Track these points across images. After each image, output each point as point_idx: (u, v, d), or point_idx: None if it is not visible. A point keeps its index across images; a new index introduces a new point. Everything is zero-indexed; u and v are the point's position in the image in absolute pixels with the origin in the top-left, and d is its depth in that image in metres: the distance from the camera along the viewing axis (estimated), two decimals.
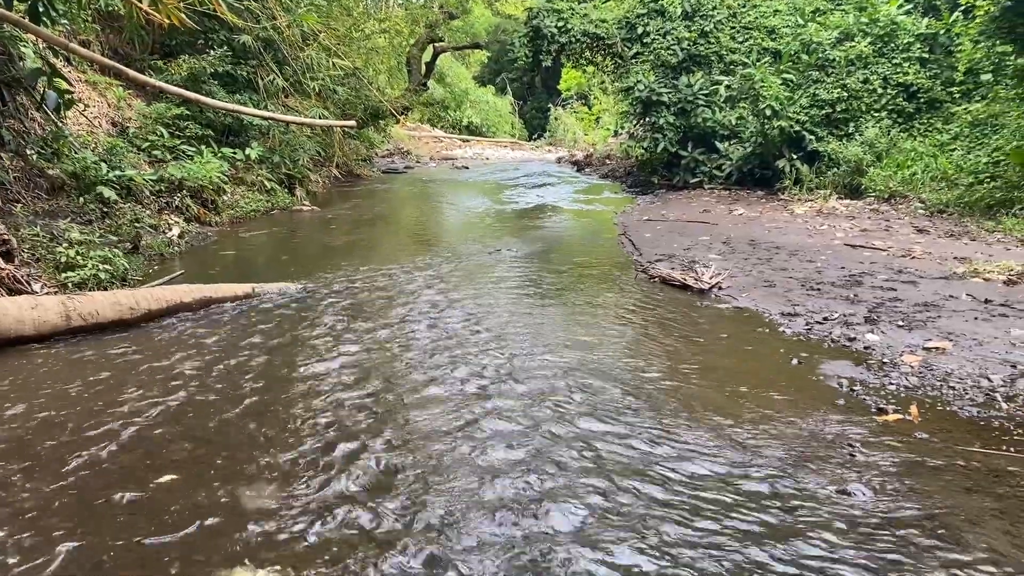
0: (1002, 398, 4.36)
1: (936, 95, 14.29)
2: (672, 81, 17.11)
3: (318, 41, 17.66)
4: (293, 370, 5.05)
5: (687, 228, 11.39)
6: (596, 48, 18.71)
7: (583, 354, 5.39)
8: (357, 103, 19.93)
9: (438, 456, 3.73)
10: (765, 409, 4.33)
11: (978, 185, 11.28)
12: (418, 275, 8.06)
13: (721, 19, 17.27)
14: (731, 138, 16.61)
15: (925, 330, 5.67)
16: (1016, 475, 3.48)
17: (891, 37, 14.78)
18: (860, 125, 14.42)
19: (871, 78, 14.64)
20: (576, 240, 11.64)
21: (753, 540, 2.97)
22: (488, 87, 46.46)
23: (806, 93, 14.90)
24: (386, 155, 28.24)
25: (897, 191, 12.66)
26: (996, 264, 7.54)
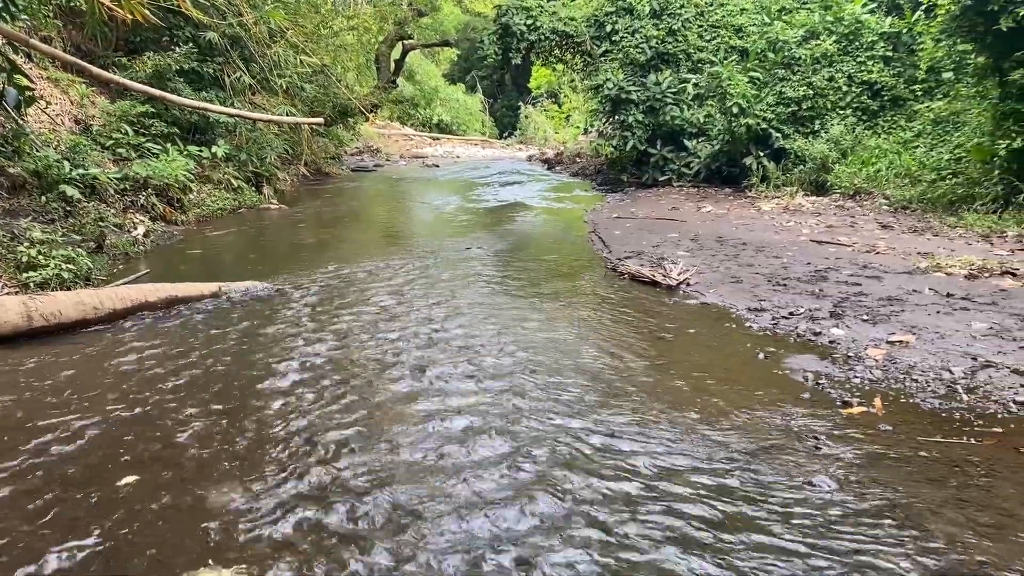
0: (963, 390, 4.44)
1: (899, 93, 14.50)
2: (641, 79, 17.19)
3: (285, 38, 17.51)
4: (260, 369, 5.01)
5: (656, 225, 11.46)
6: (565, 46, 18.75)
7: (552, 351, 5.40)
8: (325, 101, 19.79)
9: (406, 454, 3.72)
10: (732, 403, 4.37)
11: (940, 181, 11.47)
12: (387, 273, 8.03)
13: (689, 17, 17.38)
14: (699, 136, 16.73)
15: (889, 324, 5.75)
16: (976, 465, 3.55)
17: (855, 36, 14.97)
18: (826, 123, 14.59)
19: (836, 76, 14.81)
20: (546, 238, 11.66)
21: (720, 533, 3.00)
22: (458, 85, 46.36)
23: (773, 91, 15.05)
24: (355, 153, 28.08)
25: (862, 187, 12.83)
26: (958, 259, 7.67)
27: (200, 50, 14.26)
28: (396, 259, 8.87)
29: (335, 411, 4.28)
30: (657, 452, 3.73)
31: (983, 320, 5.68)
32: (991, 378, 4.58)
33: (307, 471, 3.53)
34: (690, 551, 2.88)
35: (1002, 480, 3.40)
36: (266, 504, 3.23)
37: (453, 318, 6.25)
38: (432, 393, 4.55)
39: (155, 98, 11.80)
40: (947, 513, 3.12)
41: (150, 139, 11.82)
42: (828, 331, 5.67)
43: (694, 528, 3.03)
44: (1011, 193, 10.00)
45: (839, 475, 3.46)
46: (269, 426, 4.07)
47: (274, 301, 6.83)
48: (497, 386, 4.65)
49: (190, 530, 3.03)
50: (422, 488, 3.36)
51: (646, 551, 2.88)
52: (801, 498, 3.27)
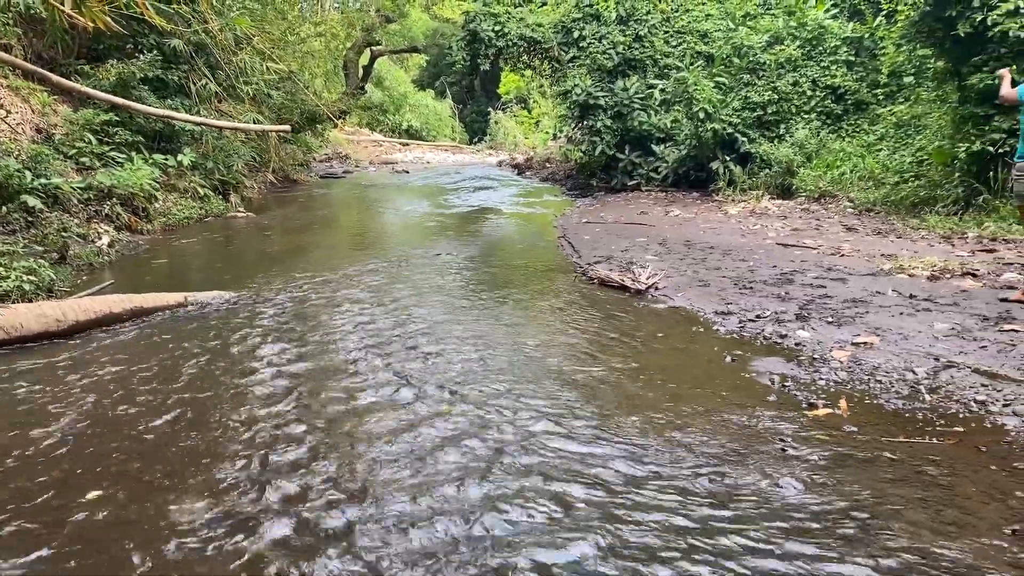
0: (926, 390, 4.51)
1: (862, 97, 14.73)
2: (608, 85, 17.30)
3: (252, 45, 17.40)
4: (227, 380, 4.96)
5: (625, 230, 11.52)
6: (533, 52, 18.82)
7: (522, 356, 5.41)
8: (293, 107, 19.67)
9: (374, 464, 3.70)
10: (699, 406, 4.41)
11: (903, 184, 11.67)
12: (356, 281, 7.99)
13: (655, 23, 17.53)
14: (667, 141, 16.87)
15: (854, 326, 5.83)
16: (939, 464, 3.60)
17: (819, 41, 15.18)
18: (790, 127, 14.77)
19: (800, 81, 15.01)
20: (517, 243, 11.68)
21: (688, 536, 3.02)
22: (427, 91, 46.33)
23: (738, 96, 15.21)
24: (324, 160, 27.95)
25: (827, 191, 13.01)
26: (920, 260, 7.80)
27: (165, 57, 14.10)
28: (365, 266, 8.83)
29: (303, 422, 4.24)
30: (625, 457, 3.74)
31: (945, 321, 5.77)
32: (953, 378, 4.66)
33: (274, 483, 3.50)
34: (658, 556, 2.89)
35: (963, 479, 3.46)
36: (233, 518, 3.19)
37: (422, 325, 6.23)
38: (401, 402, 4.53)
39: (119, 106, 11.66)
40: (910, 513, 3.17)
41: (114, 148, 11.66)
42: (794, 333, 5.73)
43: (662, 533, 3.05)
44: (971, 195, 10.20)
45: (805, 477, 3.49)
46: (236, 438, 4.03)
47: (241, 311, 6.77)
48: (466, 393, 4.64)
49: (155, 545, 2.98)
50: (389, 499, 3.34)
51: (614, 557, 2.89)
52: (768, 500, 3.30)
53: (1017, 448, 3.75)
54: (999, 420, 4.07)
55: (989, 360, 4.89)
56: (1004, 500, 3.26)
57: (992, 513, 3.16)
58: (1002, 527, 3.04)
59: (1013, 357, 4.91)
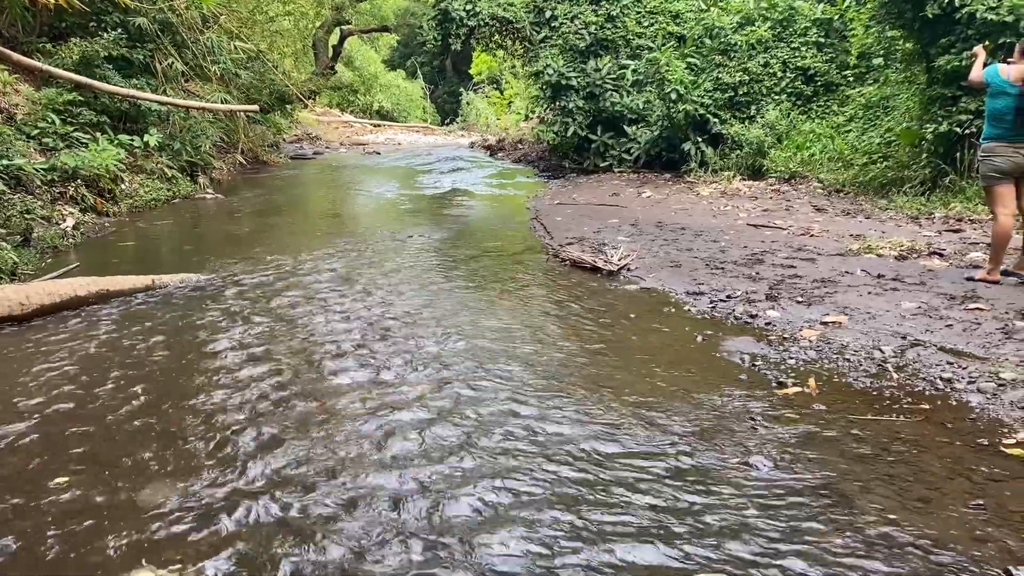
0: (893, 368, 4.58)
1: (832, 78, 14.84)
2: (581, 65, 17.25)
3: (219, 24, 17.12)
4: (196, 363, 4.91)
5: (597, 211, 11.52)
6: (505, 32, 18.70)
7: (495, 338, 5.40)
8: (262, 87, 19.43)
9: (346, 445, 3.68)
10: (672, 386, 4.43)
11: (872, 165, 11.79)
12: (327, 262, 7.93)
13: (627, 3, 17.48)
14: (639, 122, 16.88)
15: (823, 305, 5.89)
16: (905, 441, 3.66)
17: (789, 22, 15.25)
18: (761, 108, 14.85)
19: (771, 62, 15.08)
20: (489, 225, 11.65)
21: (660, 515, 3.04)
22: (398, 71, 45.92)
23: (710, 77, 15.25)
24: (294, 140, 27.65)
25: (797, 171, 13.12)
26: (888, 240, 7.89)
27: (129, 36, 13.82)
28: (336, 248, 8.76)
29: (274, 404, 4.21)
30: (599, 436, 3.75)
31: (912, 300, 5.85)
32: (919, 356, 4.72)
33: (245, 466, 3.47)
34: (631, 534, 2.91)
35: (929, 455, 3.51)
36: (203, 501, 3.16)
37: (394, 307, 6.20)
38: (373, 383, 4.51)
39: (82, 86, 11.42)
40: (878, 489, 3.21)
41: (78, 128, 11.40)
42: (764, 313, 5.78)
43: (635, 511, 3.07)
44: (938, 176, 10.33)
45: (775, 455, 3.53)
46: (206, 422, 3.99)
47: (211, 293, 6.69)
48: (440, 375, 4.63)
49: (125, 530, 2.95)
50: (363, 481, 3.33)
51: (588, 536, 2.90)
52: (739, 478, 3.33)
53: (981, 425, 3.82)
54: (964, 397, 4.14)
55: (954, 338, 4.97)
56: (968, 476, 3.32)
57: (957, 488, 3.22)
58: (967, 502, 3.09)
59: (978, 335, 4.99)
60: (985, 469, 3.36)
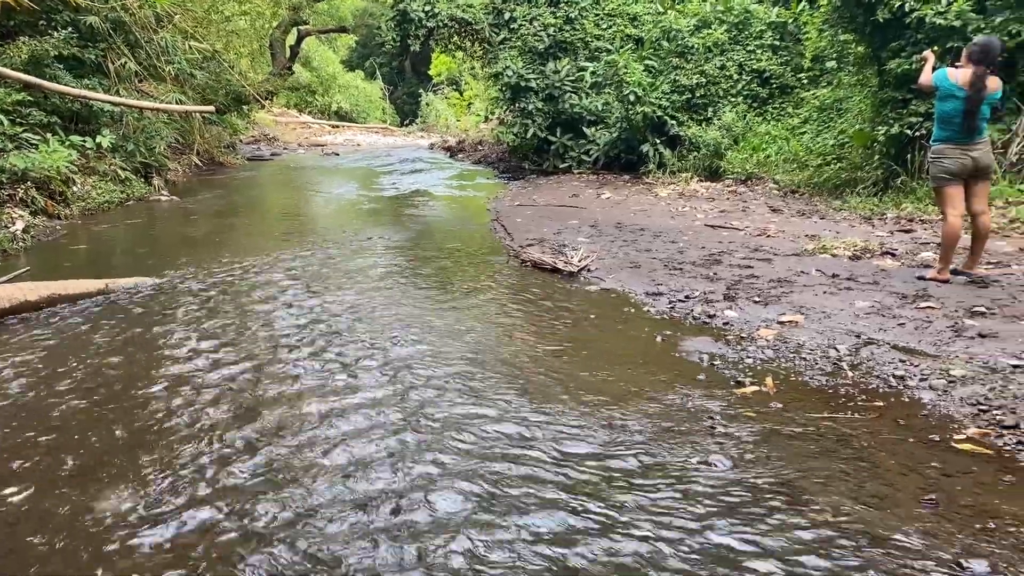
0: (847, 366, 4.65)
1: (787, 81, 15.07)
2: (540, 67, 17.30)
3: (173, 23, 16.85)
4: (149, 368, 4.82)
5: (557, 212, 11.56)
6: (464, 33, 18.70)
7: (455, 340, 5.38)
8: (218, 88, 19.15)
9: (304, 451, 3.64)
10: (632, 386, 4.46)
11: (826, 166, 12.00)
12: (284, 265, 7.84)
13: (585, 6, 17.56)
14: (598, 123, 16.97)
15: (779, 305, 5.97)
16: (859, 438, 3.72)
17: (745, 25, 15.46)
18: (718, 110, 15.04)
19: (727, 65, 15.27)
20: (449, 226, 11.62)
21: (619, 514, 3.05)
22: (357, 72, 45.64)
23: (667, 79, 15.39)
24: (251, 142, 27.33)
25: (753, 173, 13.30)
26: (842, 240, 8.03)
27: (80, 35, 13.53)
28: (294, 250, 8.66)
29: (230, 410, 4.15)
30: (558, 437, 3.76)
31: (865, 299, 5.96)
32: (873, 354, 4.81)
33: (200, 472, 3.41)
34: (589, 534, 2.92)
35: (883, 452, 3.58)
36: (158, 508, 3.10)
37: (353, 309, 6.15)
38: (332, 388, 4.46)
39: (32, 86, 11.15)
40: (834, 486, 3.26)
41: (28, 129, 11.11)
42: (722, 313, 5.85)
43: (593, 512, 3.07)
44: (890, 177, 10.53)
45: (734, 453, 3.57)
46: (160, 428, 3.91)
47: (165, 297, 6.57)
48: (400, 377, 4.60)
49: (80, 539, 2.88)
50: (321, 485, 3.29)
51: (548, 537, 2.90)
52: (698, 478, 3.35)
53: (933, 421, 3.90)
54: (916, 394, 4.22)
55: (907, 337, 5.07)
56: (920, 471, 3.38)
57: (910, 484, 3.28)
58: (919, 497, 3.15)
59: (929, 333, 5.10)
60: (937, 464, 3.43)
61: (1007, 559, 2.70)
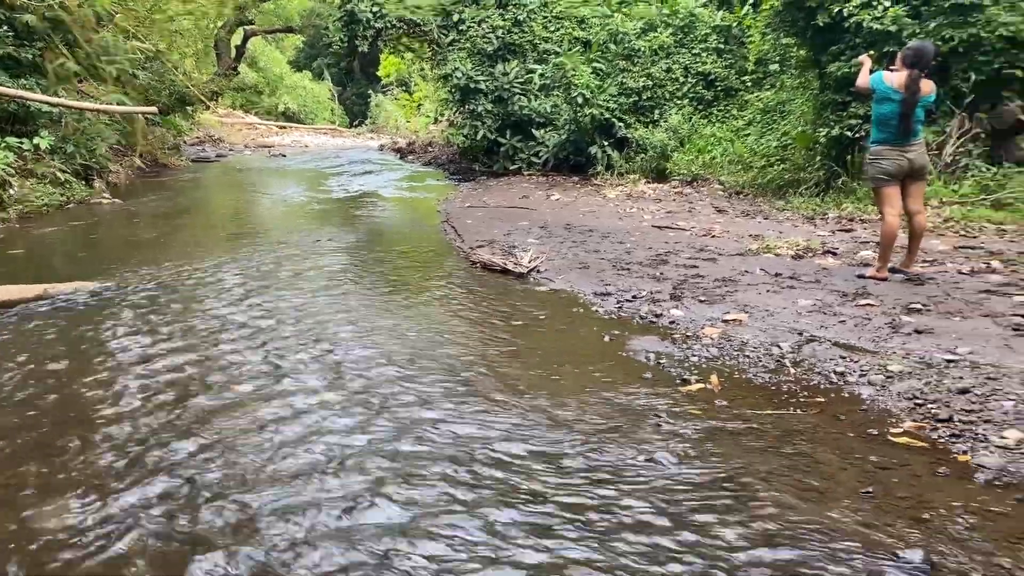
0: (790, 363, 4.75)
1: (732, 83, 15.33)
2: (489, 69, 17.30)
3: (114, 22, 16.48)
4: (91, 376, 4.70)
5: (507, 214, 11.58)
6: (413, 34, 18.61)
7: (405, 342, 5.36)
8: (161, 88, 18.78)
9: (253, 456, 3.59)
10: (580, 385, 4.49)
11: (769, 167, 12.24)
12: (230, 268, 7.72)
13: (534, 8, 17.61)
14: (547, 125, 17.04)
15: (724, 304, 6.07)
16: (802, 433, 3.80)
17: (690, 28, 15.68)
18: (665, 112, 15.23)
19: (673, 67, 15.47)
20: (399, 228, 11.57)
21: (567, 512, 3.07)
22: (305, 72, 45.14)
23: (615, 82, 15.53)
24: (196, 143, 26.87)
25: (699, 174, 13.50)
26: (785, 240, 8.20)
27: (17, 34, 13.13)
28: (240, 254, 8.54)
29: (174, 417, 4.07)
30: (506, 438, 3.77)
31: (808, 297, 6.09)
32: (815, 351, 4.91)
33: (145, 481, 3.34)
34: (536, 535, 2.93)
35: (824, 447, 3.66)
36: (102, 519, 3.03)
37: (301, 313, 6.08)
38: (279, 393, 4.41)
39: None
40: (776, 481, 3.33)
41: None
42: (668, 312, 5.92)
43: (542, 512, 3.09)
44: (831, 177, 10.78)
45: (679, 450, 3.61)
46: (103, 436, 3.82)
47: (107, 302, 6.42)
48: (348, 382, 4.57)
49: (21, 553, 2.80)
50: (269, 490, 3.25)
51: (494, 539, 2.91)
52: (645, 475, 3.39)
53: (871, 415, 4.00)
54: (856, 390, 4.32)
55: (847, 334, 5.20)
56: (860, 465, 3.46)
57: (850, 477, 3.36)
58: (858, 490, 3.23)
59: (868, 330, 5.23)
60: (875, 458, 3.52)
61: (940, 548, 2.78)
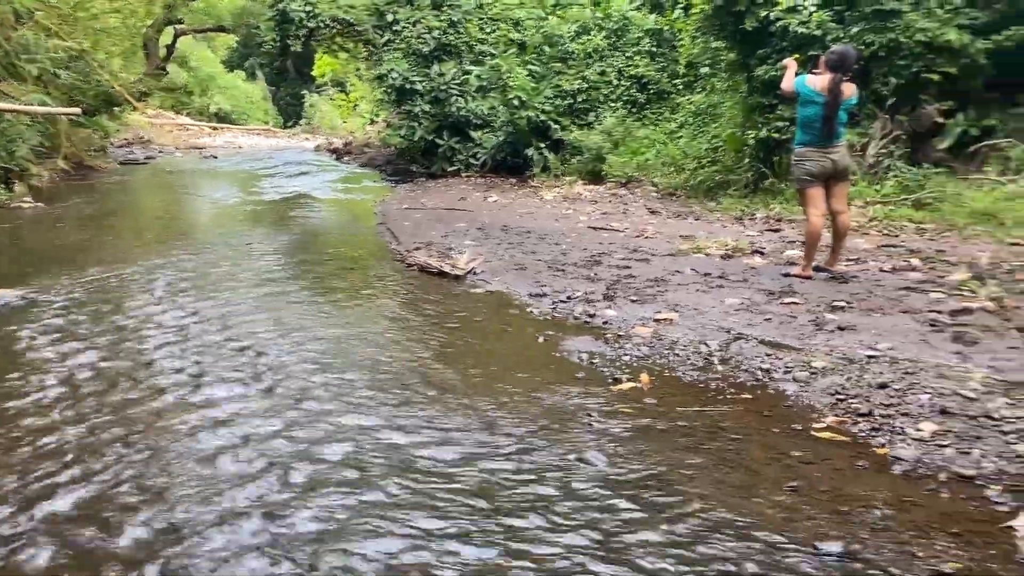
0: (718, 361, 4.86)
1: (664, 86, 15.57)
2: (425, 70, 17.24)
3: (35, 20, 15.95)
4: (10, 386, 4.54)
5: (445, 216, 11.57)
6: (347, 34, 18.44)
7: (338, 347, 5.32)
8: (86, 88, 18.20)
9: (176, 465, 3.51)
10: (514, 387, 4.52)
11: (701, 169, 12.48)
12: (158, 274, 7.53)
13: (469, 9, 17.61)
14: (484, 127, 17.07)
15: (655, 303, 6.17)
16: (728, 430, 3.89)
17: (623, 32, 15.88)
18: (599, 114, 15.40)
19: (607, 70, 15.65)
20: (334, 231, 11.47)
21: (497, 516, 3.09)
22: (238, 72, 44.40)
23: (550, 84, 15.65)
24: (124, 144, 26.11)
25: (633, 176, 13.69)
26: (715, 240, 8.37)
27: None
28: (168, 258, 8.34)
29: (95, 427, 3.95)
30: (440, 442, 3.77)
31: (736, 296, 6.23)
32: (742, 349, 5.03)
33: (65, 492, 3.24)
34: (466, 538, 2.94)
35: (750, 442, 3.76)
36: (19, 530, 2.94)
37: (230, 319, 5.97)
38: (206, 401, 4.32)
39: None
40: (702, 477, 3.40)
41: None
42: (602, 312, 6.00)
43: (476, 515, 3.10)
44: (759, 178, 11.03)
45: (609, 449, 3.67)
46: (21, 447, 3.70)
47: (28, 310, 6.20)
48: (277, 388, 4.50)
49: None
50: (190, 502, 3.19)
51: (432, 544, 2.91)
52: (575, 474, 3.43)
53: (795, 411, 4.13)
54: (781, 386, 4.45)
55: (773, 331, 5.33)
56: (783, 460, 3.57)
57: (773, 472, 3.46)
58: (782, 484, 3.33)
59: (793, 328, 5.38)
60: (798, 453, 3.62)
61: (859, 539, 2.88)
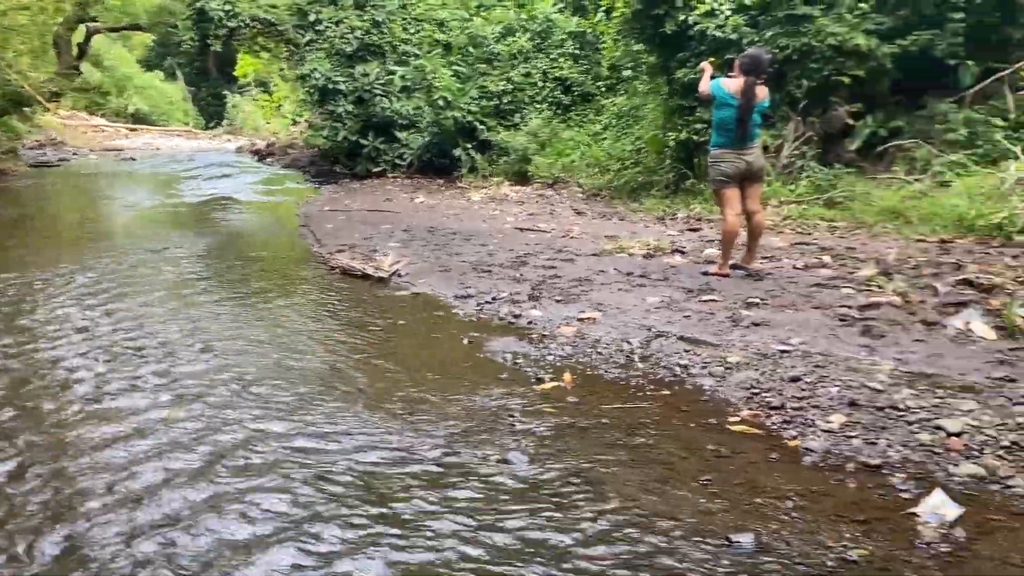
0: (638, 359, 4.95)
1: (588, 88, 15.76)
2: (348, 70, 17.06)
3: None
4: None
5: (370, 217, 11.48)
6: (268, 34, 18.12)
7: (257, 353, 5.24)
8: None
9: (85, 479, 3.41)
10: (437, 389, 4.52)
11: (624, 170, 12.67)
12: (70, 281, 7.28)
13: (392, 10, 17.48)
14: (410, 127, 16.97)
15: (579, 303, 6.24)
16: (647, 426, 3.97)
17: (548, 34, 16.02)
18: (525, 116, 15.49)
19: (532, 72, 15.76)
20: (255, 234, 11.26)
21: (418, 520, 3.09)
22: (156, 72, 43.13)
23: (476, 85, 15.68)
24: (35, 146, 25.18)
25: (559, 177, 13.81)
26: (638, 240, 8.51)
27: None
28: (81, 264, 8.06)
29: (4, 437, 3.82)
30: (363, 448, 3.75)
31: (656, 295, 6.35)
32: (662, 346, 5.14)
33: None
34: (386, 542, 2.93)
35: (668, 438, 3.84)
36: None
37: (144, 325, 5.82)
38: (117, 411, 4.20)
39: None
40: (622, 473, 3.46)
41: None
42: (527, 313, 6.04)
43: (392, 520, 3.10)
44: (680, 179, 11.26)
45: (531, 449, 3.70)
46: None
47: None
48: (193, 395, 4.41)
49: None
50: (106, 513, 3.11)
51: (351, 550, 2.90)
52: (497, 476, 3.45)
53: (712, 405, 4.23)
54: (698, 381, 4.55)
55: (692, 328, 5.45)
56: (699, 454, 3.66)
57: (690, 467, 3.54)
58: (698, 478, 3.41)
59: (711, 324, 5.51)
60: (713, 447, 3.72)
61: (770, 530, 2.98)
